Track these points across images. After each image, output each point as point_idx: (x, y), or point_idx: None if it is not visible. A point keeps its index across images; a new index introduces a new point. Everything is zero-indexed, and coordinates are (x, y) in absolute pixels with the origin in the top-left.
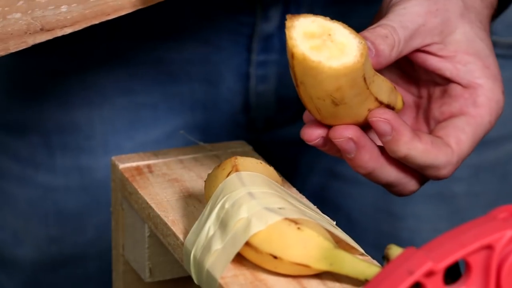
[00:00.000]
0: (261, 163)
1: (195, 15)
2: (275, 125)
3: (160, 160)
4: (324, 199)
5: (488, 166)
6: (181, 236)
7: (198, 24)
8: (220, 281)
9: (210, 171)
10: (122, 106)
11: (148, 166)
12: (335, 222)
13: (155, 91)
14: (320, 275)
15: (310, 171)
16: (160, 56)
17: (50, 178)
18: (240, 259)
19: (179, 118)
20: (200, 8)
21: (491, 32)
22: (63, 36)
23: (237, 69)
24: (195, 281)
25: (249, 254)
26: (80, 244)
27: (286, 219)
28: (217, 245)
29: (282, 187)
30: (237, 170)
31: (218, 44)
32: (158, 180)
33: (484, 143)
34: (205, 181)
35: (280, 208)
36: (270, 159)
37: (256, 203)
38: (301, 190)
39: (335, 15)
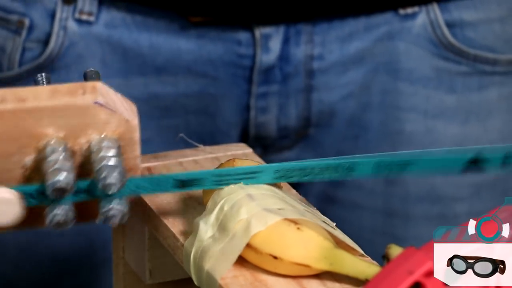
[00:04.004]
0: (259, 164)
1: (190, 49)
2: (272, 152)
3: (160, 163)
4: None
5: (489, 184)
6: (181, 238)
7: (195, 58)
8: (220, 282)
9: None
10: None
11: (148, 169)
12: (335, 224)
13: (149, 126)
14: (320, 276)
15: (306, 196)
16: (154, 92)
17: None
18: (240, 260)
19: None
20: (196, 42)
21: (491, 50)
22: (55, 76)
23: (237, 101)
24: (195, 282)
25: (249, 255)
26: (76, 286)
27: (286, 219)
28: (216, 247)
29: (280, 189)
30: None
31: (216, 77)
32: None
33: None
34: None
35: (279, 209)
36: None
37: (256, 204)
38: None
39: (335, 41)
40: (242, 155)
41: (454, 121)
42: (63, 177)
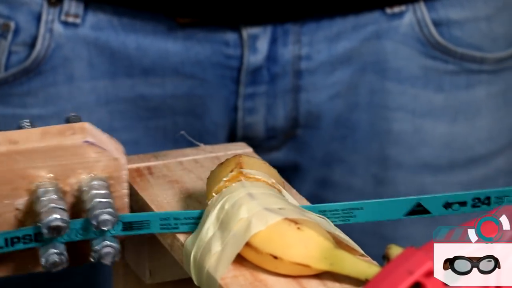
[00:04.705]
0: (264, 163)
1: (178, 51)
2: (260, 152)
3: (160, 162)
4: None
5: (478, 182)
6: (181, 238)
7: (182, 59)
8: (220, 282)
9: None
10: None
11: (148, 168)
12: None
13: (136, 128)
14: (320, 276)
15: None
16: (141, 93)
17: None
18: (240, 259)
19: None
20: (183, 44)
21: (478, 48)
22: (41, 79)
23: (224, 102)
24: (195, 282)
25: (249, 255)
26: (76, 285)
27: (286, 219)
28: (217, 246)
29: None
30: (241, 168)
31: (203, 78)
32: (158, 182)
33: (474, 160)
34: (207, 178)
35: (280, 209)
36: None
37: (256, 203)
38: None
39: (323, 41)
40: (243, 154)
41: (442, 120)
42: (58, 216)
